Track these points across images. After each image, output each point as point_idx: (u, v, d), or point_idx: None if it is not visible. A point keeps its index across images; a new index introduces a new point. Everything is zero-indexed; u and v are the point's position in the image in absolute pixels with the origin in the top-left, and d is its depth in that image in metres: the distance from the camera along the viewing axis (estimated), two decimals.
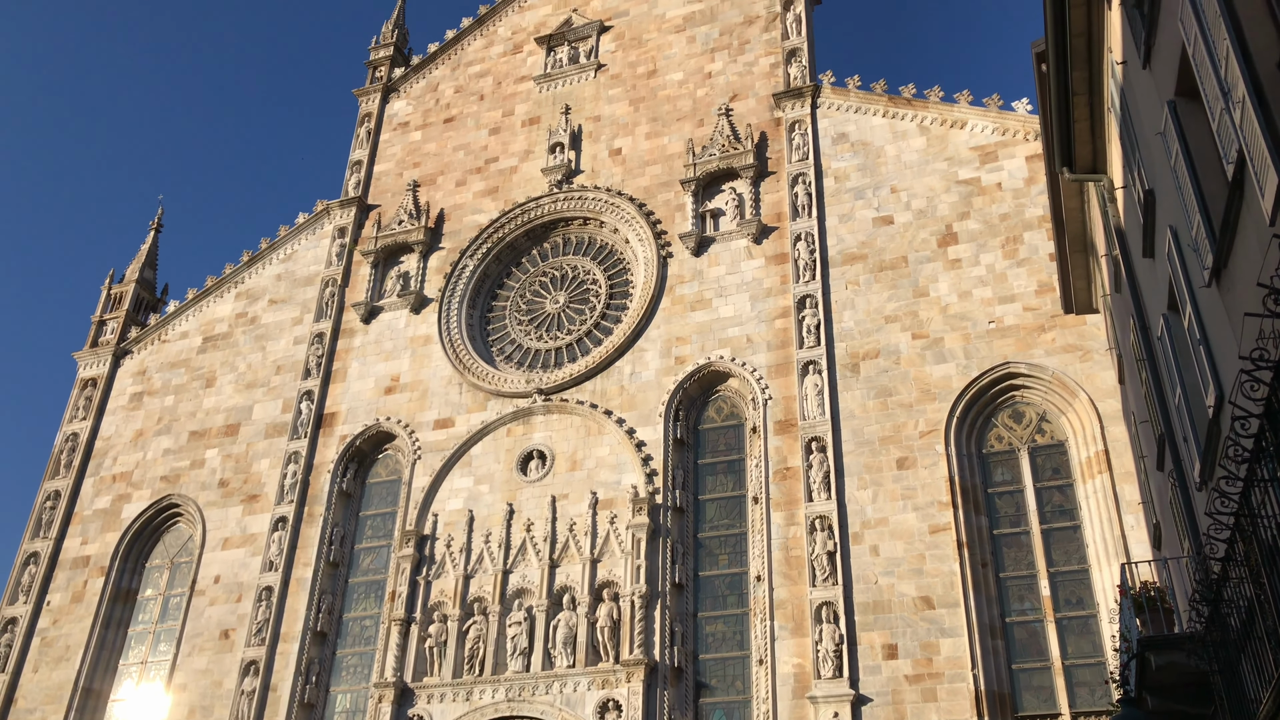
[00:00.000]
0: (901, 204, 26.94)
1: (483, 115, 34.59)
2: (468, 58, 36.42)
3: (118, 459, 32.06)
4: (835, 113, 29.07)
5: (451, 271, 31.21)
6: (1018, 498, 23.20)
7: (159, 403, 32.66)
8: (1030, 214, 25.36)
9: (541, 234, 31.61)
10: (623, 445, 26.08)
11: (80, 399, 33.65)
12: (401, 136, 35.56)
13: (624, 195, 30.39)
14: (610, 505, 25.37)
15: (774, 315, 26.55)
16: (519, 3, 36.82)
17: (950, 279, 25.35)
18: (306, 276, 33.25)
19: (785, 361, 25.73)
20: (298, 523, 28.36)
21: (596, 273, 30.27)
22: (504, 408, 28.07)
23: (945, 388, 24.05)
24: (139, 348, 34.19)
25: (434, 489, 27.45)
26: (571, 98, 33.36)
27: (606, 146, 31.77)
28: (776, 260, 27.38)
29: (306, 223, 34.39)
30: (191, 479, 30.59)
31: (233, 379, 32.06)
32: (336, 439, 29.48)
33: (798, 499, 23.87)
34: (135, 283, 35.43)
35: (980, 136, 27.07)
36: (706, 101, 31.17)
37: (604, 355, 27.71)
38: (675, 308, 27.83)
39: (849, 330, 25.60)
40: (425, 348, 30.18)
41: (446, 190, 33.36)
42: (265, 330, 32.65)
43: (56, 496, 31.77)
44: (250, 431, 30.72)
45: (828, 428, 24.26)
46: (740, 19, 32.29)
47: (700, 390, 26.81)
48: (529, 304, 30.70)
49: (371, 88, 36.91)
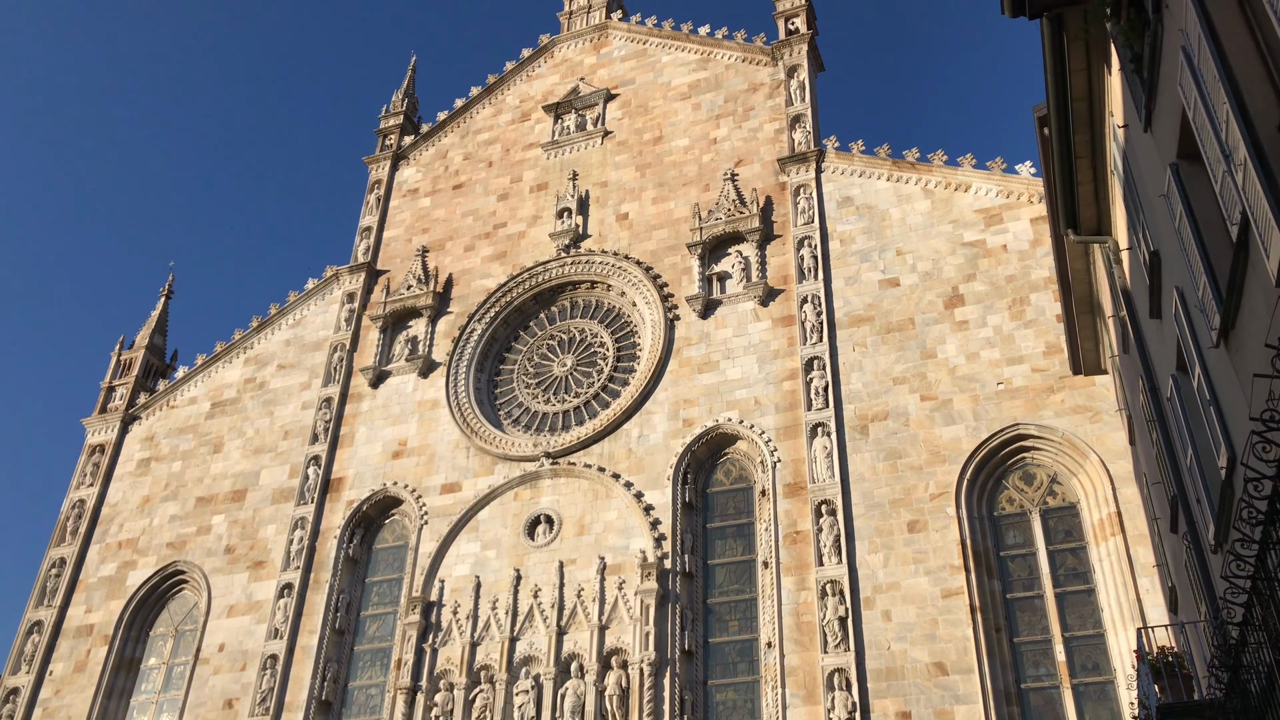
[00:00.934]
0: (907, 266, 27.05)
1: (491, 181, 35.01)
2: (476, 125, 36.97)
3: (124, 525, 31.93)
4: (840, 176, 29.35)
5: (459, 335, 31.34)
6: (1030, 561, 22.92)
7: (166, 469, 32.62)
8: (1036, 275, 25.43)
9: (549, 298, 31.79)
10: (631, 509, 25.90)
11: (88, 465, 33.63)
12: (411, 203, 35.97)
13: (631, 259, 30.59)
14: (619, 570, 25.13)
15: (782, 377, 26.53)
16: (527, 72, 37.48)
17: (958, 340, 25.35)
18: (315, 341, 33.40)
19: (794, 424, 25.65)
20: (303, 590, 28.12)
21: (604, 336, 30.36)
22: (511, 472, 27.96)
23: (955, 450, 23.91)
24: (147, 414, 34.26)
25: (441, 555, 27.24)
26: (579, 164, 33.77)
27: (613, 211, 32.08)
28: (783, 322, 27.45)
29: (316, 288, 34.65)
30: (197, 545, 30.43)
31: (240, 444, 32.04)
32: (343, 504, 29.36)
33: (808, 563, 23.61)
34: (145, 349, 35.60)
35: (984, 199, 27.26)
36: (712, 167, 31.52)
37: (611, 418, 27.66)
38: (682, 370, 27.85)
39: (857, 392, 25.55)
40: (433, 412, 30.18)
41: (455, 255, 33.63)
42: (274, 395, 32.71)
43: (61, 564, 31.59)
44: (257, 497, 30.62)
45: (837, 490, 24.09)
46: (744, 86, 32.79)
47: (708, 453, 26.70)
48: (536, 367, 30.76)
49: (381, 155, 37.43)
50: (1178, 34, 8.93)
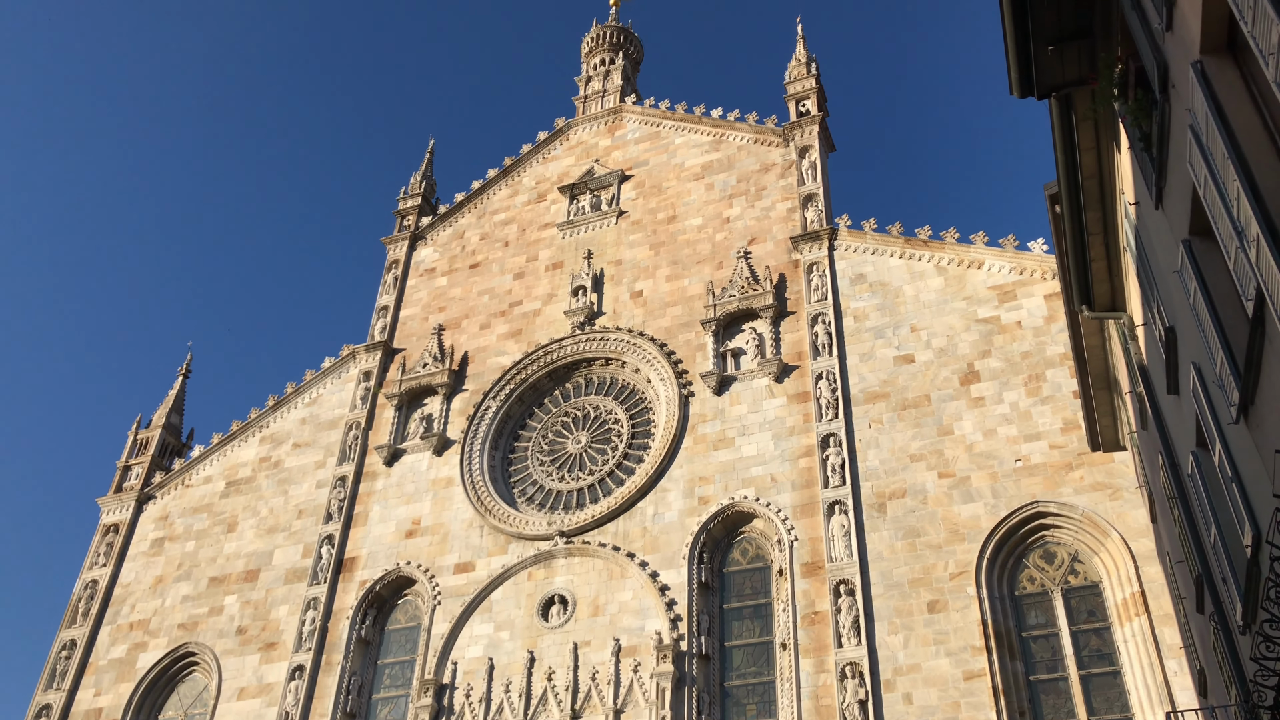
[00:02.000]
0: (922, 343, 27.06)
1: (507, 261, 35.38)
2: (493, 206, 37.51)
3: (136, 606, 31.69)
4: (852, 254, 29.55)
5: (474, 413, 31.37)
6: (1053, 641, 22.45)
7: (180, 548, 32.48)
8: (1052, 351, 25.38)
9: (564, 374, 31.87)
10: (646, 589, 25.58)
11: (101, 545, 33.52)
12: (428, 282, 36.34)
13: (645, 336, 30.71)
14: (634, 652, 24.72)
15: (798, 454, 26.38)
16: (543, 154, 38.14)
17: (974, 417, 25.22)
18: (331, 420, 33.48)
19: (810, 501, 25.42)
20: (315, 671, 27.73)
21: (618, 412, 30.34)
22: (525, 551, 27.72)
23: (974, 528, 23.61)
24: (163, 493, 34.24)
25: (454, 636, 26.89)
26: (594, 243, 34.14)
27: (628, 289, 32.31)
28: (799, 399, 27.39)
29: (332, 367, 34.85)
30: (209, 626, 30.13)
31: (254, 524, 31.94)
32: (356, 584, 29.10)
33: (827, 645, 23.19)
34: (162, 428, 35.74)
35: (998, 276, 27.36)
36: (725, 245, 31.80)
37: (626, 496, 27.48)
38: (698, 447, 27.73)
39: (874, 469, 25.35)
40: (447, 490, 30.07)
41: (471, 333, 33.85)
42: (288, 474, 32.69)
43: (72, 646, 31.29)
44: (270, 577, 30.40)
45: (856, 570, 23.76)
46: (757, 166, 33.24)
47: (724, 531, 26.44)
48: (551, 444, 30.69)
49: (399, 236, 37.95)
50: (1185, 113, 9.03)
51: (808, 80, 34.25)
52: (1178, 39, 9.17)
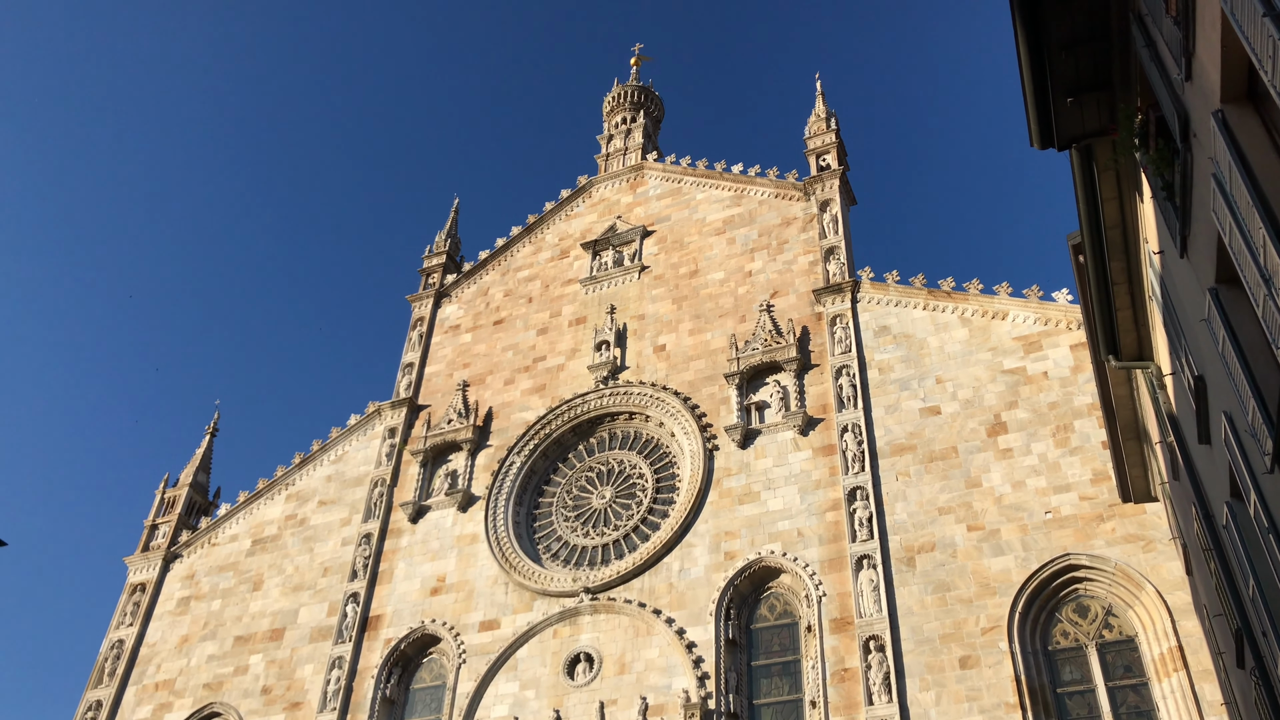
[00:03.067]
0: (948, 394, 26.91)
1: (531, 316, 35.61)
2: (517, 263, 37.84)
3: (161, 666, 31.61)
4: (876, 306, 29.55)
5: (499, 469, 31.36)
6: (1089, 698, 21.95)
7: (205, 607, 32.46)
8: (1079, 402, 25.17)
9: (588, 429, 31.86)
10: (673, 646, 25.29)
11: (128, 604, 33.56)
12: (452, 339, 36.58)
13: (669, 390, 30.71)
14: (661, 711, 24.37)
15: (824, 508, 26.17)
16: (566, 211, 38.54)
17: (1002, 469, 24.97)
18: (356, 477, 33.56)
19: (838, 556, 25.15)
20: None
21: (643, 467, 30.24)
22: (550, 608, 27.51)
23: (1005, 581, 23.26)
24: (189, 551, 34.32)
25: (479, 695, 26.62)
26: (616, 298, 34.31)
27: (651, 343, 32.39)
28: (824, 451, 27.23)
29: (358, 424, 35.01)
30: (234, 686, 29.99)
31: (280, 581, 31.90)
32: (381, 643, 28.93)
33: (857, 702, 22.79)
34: (189, 486, 35.93)
35: (1022, 327, 27.25)
36: (748, 298, 31.89)
37: (651, 551, 27.29)
38: (723, 501, 27.56)
39: (902, 523, 25.09)
40: (472, 547, 29.97)
41: (495, 389, 33.97)
42: (314, 532, 32.71)
43: (98, 706, 31.20)
44: (295, 636, 30.29)
45: (885, 625, 23.41)
46: (778, 220, 33.43)
47: (751, 587, 26.16)
48: (575, 500, 30.60)
49: (424, 293, 38.30)
50: (1208, 162, 9.04)
51: (828, 135, 34.54)
52: (1197, 89, 9.21)
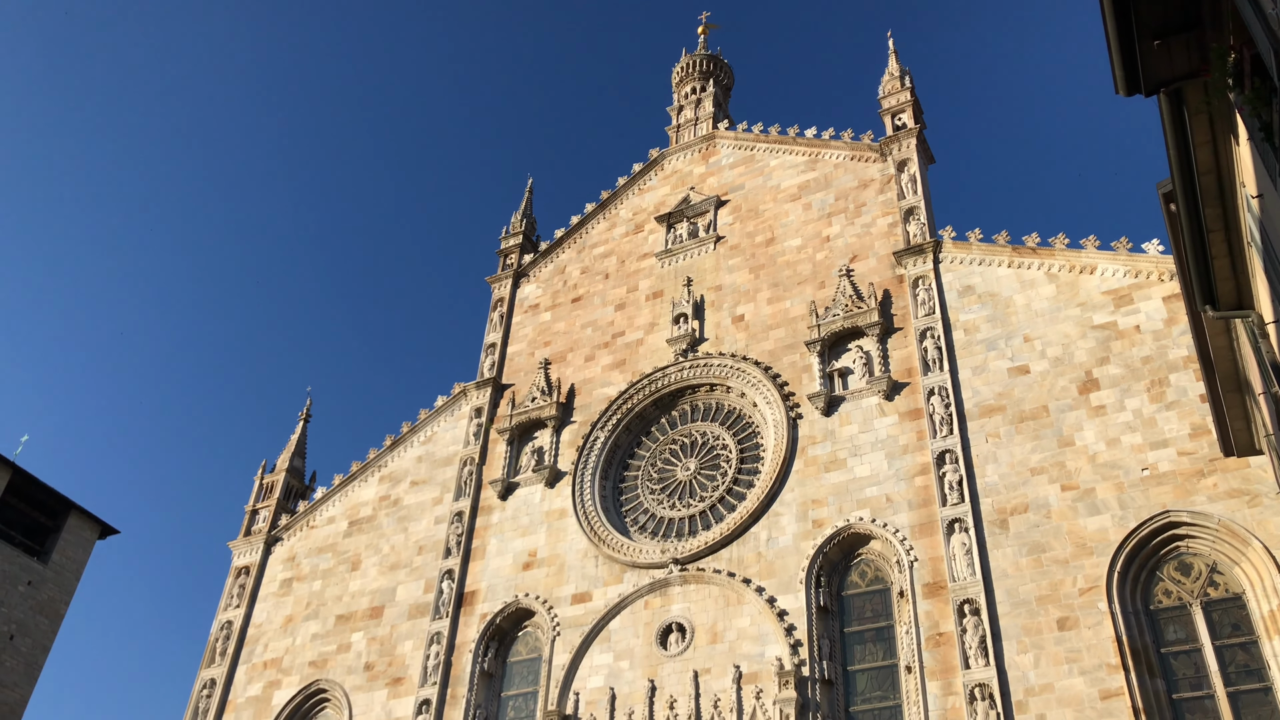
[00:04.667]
0: (1036, 353, 26.35)
1: (608, 293, 35.76)
2: (592, 240, 38.00)
3: (269, 645, 32.77)
4: (959, 266, 29.01)
5: (583, 444, 31.67)
6: (1195, 657, 21.43)
7: (307, 588, 33.52)
8: (1174, 355, 24.44)
9: (669, 402, 31.96)
10: (764, 615, 25.36)
11: (234, 587, 34.83)
12: (532, 318, 36.95)
13: (749, 360, 30.62)
14: (755, 679, 24.49)
15: (913, 473, 25.89)
16: (638, 185, 38.52)
17: (1096, 427, 24.40)
18: (445, 457, 34.22)
19: (929, 521, 24.89)
20: (441, 705, 28.21)
21: (726, 438, 30.25)
22: (640, 580, 27.78)
23: (1102, 540, 22.78)
24: (289, 535, 35.43)
25: (574, 666, 27.05)
26: (693, 270, 34.27)
27: (729, 314, 32.30)
28: (910, 416, 26.91)
29: (445, 405, 35.65)
30: (338, 663, 30.96)
31: (377, 561, 32.77)
32: (477, 617, 29.56)
33: (954, 666, 22.60)
34: (286, 471, 37.04)
35: (1112, 280, 26.51)
36: (826, 264, 31.56)
37: (738, 521, 27.34)
38: (808, 470, 27.45)
39: (994, 485, 24.72)
40: (560, 521, 30.38)
41: (576, 366, 34.26)
42: (407, 511, 33.49)
43: (212, 684, 32.52)
44: (394, 613, 31.11)
45: (980, 589, 23.14)
46: (855, 183, 32.96)
47: (841, 554, 26.06)
48: (660, 472, 30.76)
49: (503, 274, 38.72)
50: None
51: (902, 94, 33.88)
52: None
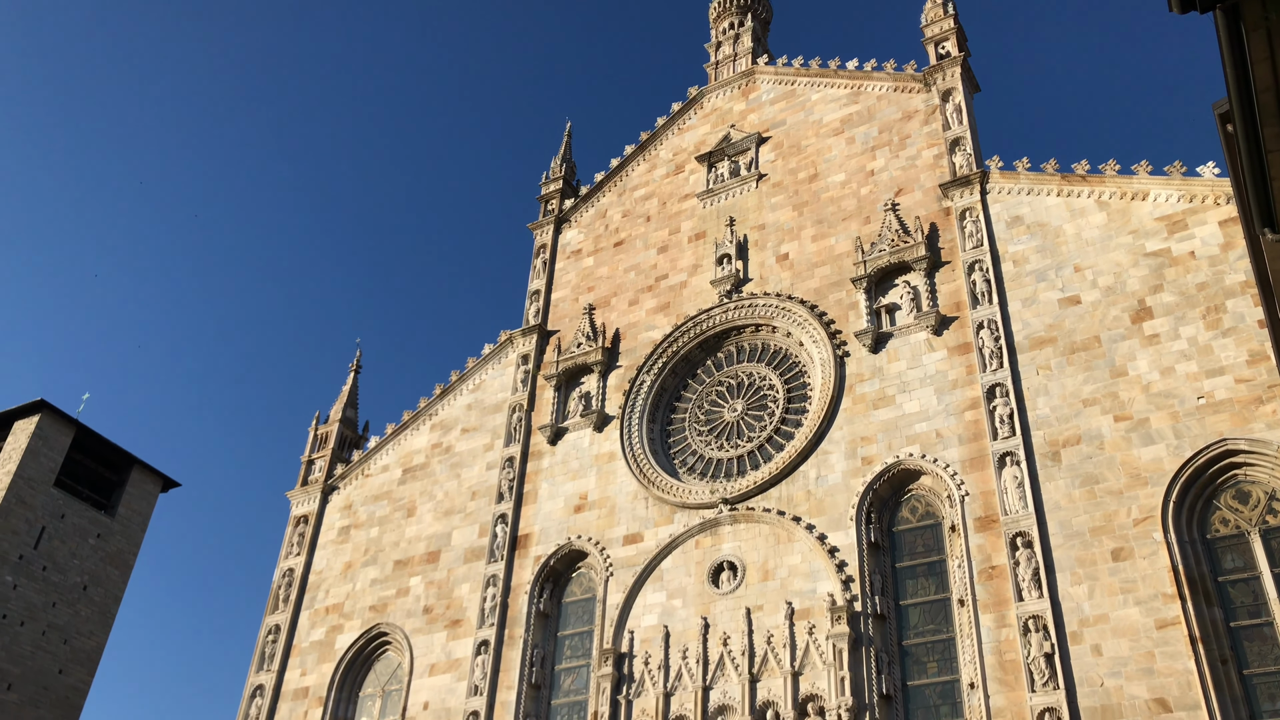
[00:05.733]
0: (1087, 282, 25.91)
1: (650, 235, 35.62)
2: (632, 183, 37.78)
3: (330, 591, 33.63)
4: (1007, 196, 28.49)
5: (630, 388, 31.82)
6: (1254, 585, 21.25)
7: (365, 535, 34.26)
8: (1231, 281, 23.91)
9: (714, 344, 31.93)
10: (815, 552, 25.51)
11: (294, 535, 35.69)
12: (575, 263, 36.96)
13: (794, 299, 30.45)
14: (807, 615, 24.72)
15: (963, 407, 25.73)
16: (678, 125, 38.12)
17: (1149, 356, 24.03)
18: (495, 404, 34.59)
19: (980, 455, 24.78)
20: (499, 646, 28.85)
21: (772, 378, 30.22)
22: (690, 520, 28.04)
23: (1157, 470, 22.56)
24: (345, 483, 36.14)
25: (628, 605, 27.47)
26: (735, 209, 33.99)
27: (773, 253, 32.06)
28: (959, 350, 26.68)
29: (491, 353, 35.94)
30: (398, 607, 31.72)
31: (431, 507, 33.37)
32: (531, 560, 30.07)
33: (1007, 599, 22.64)
34: (339, 422, 37.68)
35: (1165, 206, 25.90)
36: (871, 199, 31.15)
37: (787, 460, 27.41)
38: (857, 407, 27.38)
39: (1045, 417, 24.50)
40: (610, 464, 30.66)
41: (620, 310, 34.29)
42: (459, 458, 33.97)
43: (277, 630, 33.50)
44: (450, 557, 31.73)
45: (1032, 521, 23.07)
46: (899, 115, 32.36)
47: (891, 490, 26.07)
48: (707, 414, 30.86)
49: (544, 220, 38.69)
50: None
51: (945, 21, 33.05)
52: None
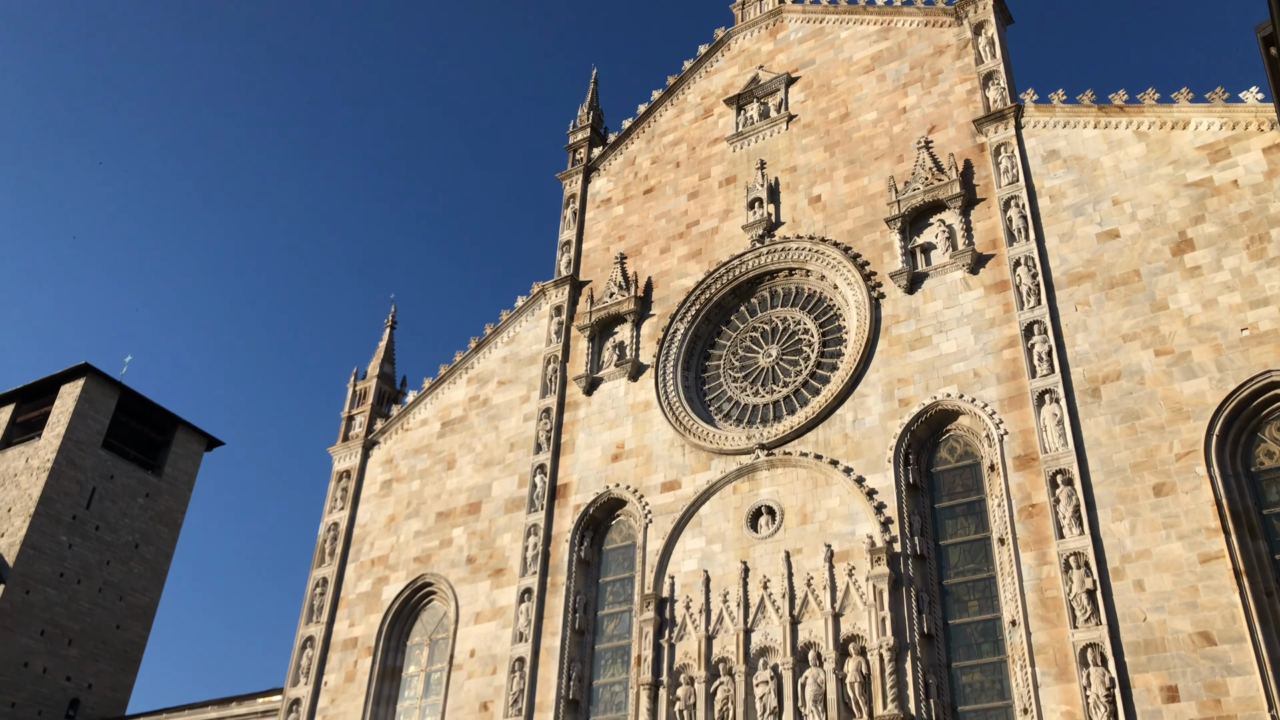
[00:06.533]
0: (1126, 215, 25.46)
1: (680, 182, 35.36)
2: (661, 128, 37.43)
3: (374, 544, 34.23)
4: (1042, 130, 27.95)
5: (664, 337, 31.81)
6: None
7: (406, 488, 34.74)
8: (1276, 209, 23.39)
9: (748, 290, 31.79)
10: (853, 495, 25.55)
11: (337, 490, 36.26)
12: (605, 212, 36.81)
13: (828, 241, 30.18)
14: (846, 557, 24.83)
15: (1000, 346, 25.51)
16: (705, 68, 37.63)
17: (1191, 289, 23.64)
18: (530, 356, 34.75)
19: (1018, 393, 24.60)
20: (542, 593, 29.28)
21: (807, 322, 30.08)
22: (727, 466, 28.14)
23: (1199, 405, 22.29)
24: (385, 438, 36.59)
25: (668, 551, 27.73)
26: (765, 152, 33.62)
27: (805, 195, 31.74)
28: (996, 289, 26.38)
29: (525, 305, 36.03)
30: (441, 558, 32.23)
31: (471, 459, 33.73)
32: (571, 509, 30.37)
33: (1047, 537, 22.60)
34: (377, 378, 38.06)
35: (1206, 134, 25.30)
36: (904, 137, 30.67)
37: (823, 404, 27.37)
38: (893, 349, 27.23)
39: (1084, 354, 24.24)
40: (646, 413, 30.78)
41: (652, 259, 34.18)
42: (497, 410, 34.24)
43: (324, 583, 34.20)
44: (491, 508, 32.13)
45: (1072, 459, 22.93)
46: (930, 50, 31.73)
47: (929, 431, 25.98)
48: (742, 360, 30.82)
49: (573, 170, 38.49)
50: None
51: None
52: None
